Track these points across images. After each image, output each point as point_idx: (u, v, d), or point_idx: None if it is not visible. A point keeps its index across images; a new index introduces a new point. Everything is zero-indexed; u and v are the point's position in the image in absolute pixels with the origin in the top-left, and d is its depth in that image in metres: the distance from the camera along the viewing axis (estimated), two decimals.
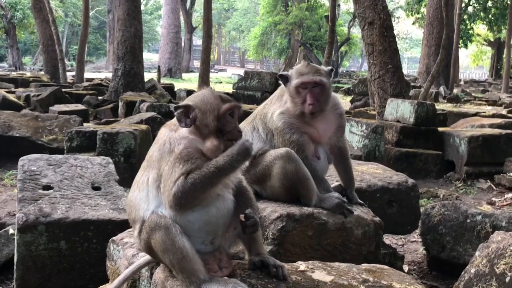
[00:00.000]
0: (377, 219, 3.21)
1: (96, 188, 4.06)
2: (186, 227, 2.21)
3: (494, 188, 8.12)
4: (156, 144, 2.32)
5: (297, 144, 3.14)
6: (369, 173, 4.39)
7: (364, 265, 2.47)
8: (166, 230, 2.16)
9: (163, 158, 2.23)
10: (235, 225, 2.34)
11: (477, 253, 3.36)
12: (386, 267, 2.50)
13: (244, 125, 3.32)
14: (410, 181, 4.36)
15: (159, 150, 2.26)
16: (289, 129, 3.15)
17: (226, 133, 2.28)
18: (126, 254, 2.82)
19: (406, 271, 4.57)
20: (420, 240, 5.09)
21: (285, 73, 3.26)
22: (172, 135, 2.28)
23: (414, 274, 4.71)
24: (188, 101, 2.34)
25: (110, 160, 4.47)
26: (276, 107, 3.26)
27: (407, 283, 2.31)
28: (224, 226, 2.32)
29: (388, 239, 5.62)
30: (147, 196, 2.27)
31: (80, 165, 4.24)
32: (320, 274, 2.28)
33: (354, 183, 3.46)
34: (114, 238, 3.04)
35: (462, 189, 8.03)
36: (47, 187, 3.91)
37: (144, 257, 2.53)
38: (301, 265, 2.36)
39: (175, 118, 2.33)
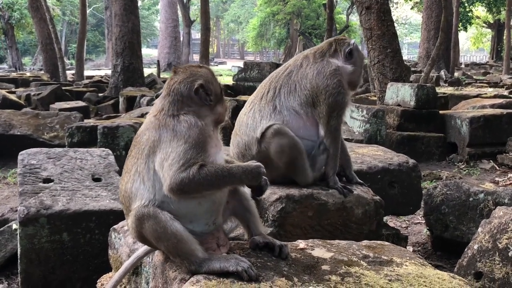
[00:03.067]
0: (377, 197, 3.20)
1: (97, 180, 4.06)
2: (193, 211, 2.18)
3: (497, 168, 8.10)
4: (163, 128, 2.15)
5: (344, 107, 3.11)
6: (369, 155, 4.37)
7: (364, 242, 2.47)
8: (155, 219, 2.10)
9: (176, 137, 2.10)
10: (228, 199, 2.33)
11: (479, 229, 3.36)
12: (386, 243, 2.49)
13: (262, 105, 3.09)
14: (411, 161, 4.33)
15: (173, 131, 2.12)
16: (343, 88, 3.09)
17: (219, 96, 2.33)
18: (127, 241, 2.82)
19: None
20: (424, 222, 5.08)
21: (351, 47, 3.18)
22: (182, 118, 2.14)
23: (418, 255, 4.71)
24: (194, 78, 2.23)
25: (110, 152, 4.46)
26: (321, 66, 3.10)
27: (408, 257, 2.30)
28: (223, 203, 2.31)
29: (391, 221, 5.61)
30: (153, 186, 2.13)
31: (80, 158, 4.24)
32: (320, 251, 2.28)
33: (351, 163, 3.45)
34: (115, 226, 3.03)
35: (465, 171, 8.01)
36: (47, 180, 3.91)
37: (143, 248, 2.50)
38: (301, 243, 2.36)
39: (164, 104, 2.21)
